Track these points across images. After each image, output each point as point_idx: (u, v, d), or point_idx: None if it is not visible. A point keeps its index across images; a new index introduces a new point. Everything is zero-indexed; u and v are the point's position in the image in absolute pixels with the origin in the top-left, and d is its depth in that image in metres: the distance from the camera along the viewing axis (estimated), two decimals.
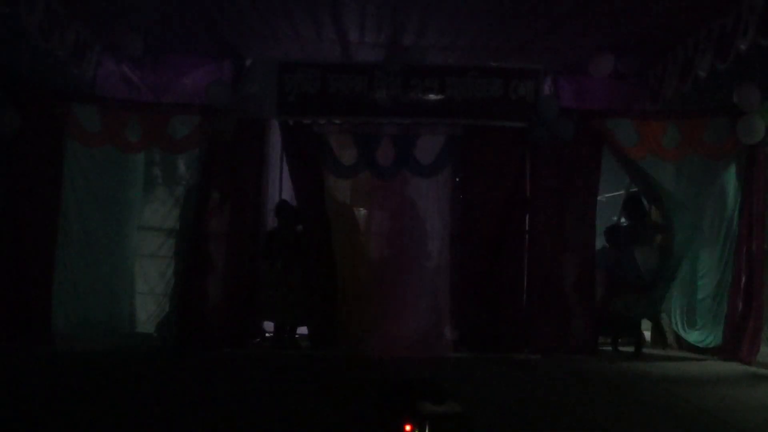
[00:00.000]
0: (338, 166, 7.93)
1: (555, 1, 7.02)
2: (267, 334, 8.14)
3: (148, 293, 8.09)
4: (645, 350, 7.82)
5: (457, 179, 8.05)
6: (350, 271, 7.84)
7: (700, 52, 7.62)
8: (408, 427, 3.88)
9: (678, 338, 8.03)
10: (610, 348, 7.95)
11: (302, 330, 8.35)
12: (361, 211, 8.08)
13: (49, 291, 7.38)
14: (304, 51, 8.47)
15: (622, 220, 8.39)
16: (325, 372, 6.63)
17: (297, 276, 7.76)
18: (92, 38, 8.09)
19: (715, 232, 7.65)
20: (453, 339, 7.80)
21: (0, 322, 7.03)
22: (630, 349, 7.76)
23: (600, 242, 8.03)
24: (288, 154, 8.09)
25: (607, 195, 8.92)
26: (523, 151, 7.98)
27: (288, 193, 8.81)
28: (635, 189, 8.23)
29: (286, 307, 7.66)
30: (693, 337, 7.77)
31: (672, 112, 8.11)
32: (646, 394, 5.88)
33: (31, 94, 7.38)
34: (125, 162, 7.98)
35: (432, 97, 7.96)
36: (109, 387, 5.64)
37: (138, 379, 6.00)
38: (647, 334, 8.30)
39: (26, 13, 6.58)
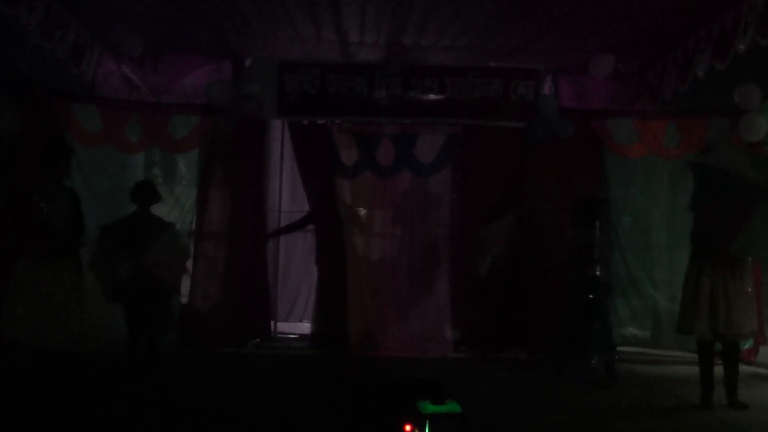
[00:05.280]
0: (342, 167, 7.94)
1: (555, 1, 7.02)
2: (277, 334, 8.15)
3: None
4: (645, 349, 7.81)
5: (457, 179, 8.04)
6: (352, 271, 7.83)
7: (699, 53, 7.62)
8: (408, 427, 3.90)
9: (679, 338, 8.02)
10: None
11: (304, 330, 8.37)
12: (362, 211, 8.07)
13: None
14: (304, 51, 8.47)
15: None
16: (325, 372, 6.64)
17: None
18: (92, 38, 8.09)
19: None
20: (453, 339, 7.81)
21: None
22: None
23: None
24: (299, 155, 8.05)
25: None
26: (523, 151, 7.98)
27: (288, 193, 8.83)
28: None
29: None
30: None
31: (672, 112, 8.10)
32: (647, 393, 5.89)
33: (31, 94, 7.37)
34: (125, 162, 7.98)
35: (432, 97, 7.94)
36: (108, 387, 5.64)
37: (137, 378, 6.01)
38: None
39: (26, 13, 6.58)
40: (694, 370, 5.50)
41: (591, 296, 6.31)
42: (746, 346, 6.96)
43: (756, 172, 5.12)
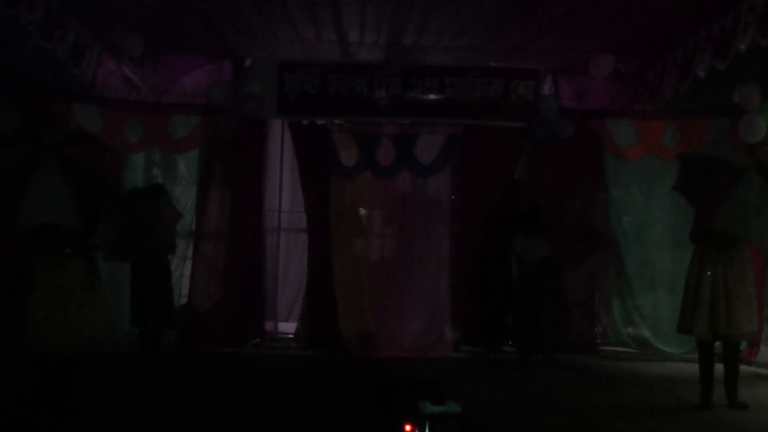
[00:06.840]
0: (342, 167, 7.94)
1: (555, 1, 7.02)
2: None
3: None
4: (644, 350, 7.81)
5: (457, 179, 8.04)
6: (351, 272, 7.84)
7: (699, 53, 7.63)
8: (408, 427, 3.89)
9: (678, 338, 8.02)
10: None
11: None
12: (362, 211, 8.07)
13: None
14: (304, 51, 8.47)
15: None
16: (324, 372, 6.64)
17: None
18: (92, 38, 8.09)
19: None
20: (453, 339, 7.81)
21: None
22: None
23: None
24: (299, 155, 8.05)
25: None
26: (523, 151, 7.98)
27: (288, 193, 8.81)
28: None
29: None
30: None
31: (672, 112, 8.11)
32: (647, 393, 5.89)
33: (31, 94, 7.37)
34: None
35: (432, 97, 7.95)
36: (108, 387, 5.64)
37: (137, 378, 6.01)
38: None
39: (26, 13, 6.58)
40: (694, 370, 5.51)
41: (514, 293, 7.04)
42: (746, 347, 6.96)
43: (738, 157, 5.31)
